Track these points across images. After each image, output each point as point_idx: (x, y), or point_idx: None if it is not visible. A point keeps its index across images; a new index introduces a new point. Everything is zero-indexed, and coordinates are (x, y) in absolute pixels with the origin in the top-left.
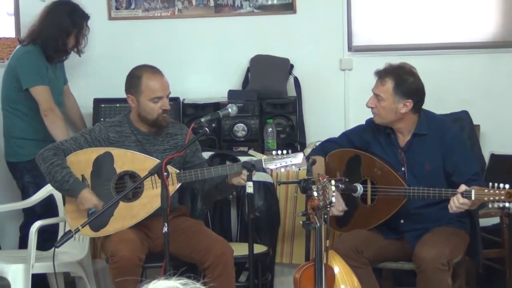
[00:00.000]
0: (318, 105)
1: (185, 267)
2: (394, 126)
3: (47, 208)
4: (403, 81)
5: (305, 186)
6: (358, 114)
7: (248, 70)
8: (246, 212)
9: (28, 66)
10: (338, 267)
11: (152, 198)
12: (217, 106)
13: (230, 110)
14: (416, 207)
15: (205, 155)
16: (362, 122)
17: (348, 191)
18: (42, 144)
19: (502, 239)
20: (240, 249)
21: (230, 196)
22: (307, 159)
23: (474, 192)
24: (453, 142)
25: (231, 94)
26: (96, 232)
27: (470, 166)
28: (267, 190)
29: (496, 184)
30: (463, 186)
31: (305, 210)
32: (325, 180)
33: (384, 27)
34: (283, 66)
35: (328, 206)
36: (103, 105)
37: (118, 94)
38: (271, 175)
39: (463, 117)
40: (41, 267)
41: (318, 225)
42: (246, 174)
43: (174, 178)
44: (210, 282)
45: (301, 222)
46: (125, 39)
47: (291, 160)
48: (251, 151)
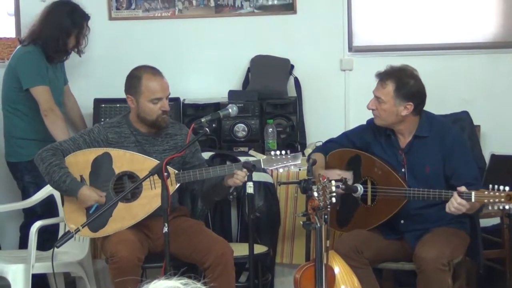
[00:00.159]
0: (319, 105)
1: (185, 267)
2: (395, 128)
3: (47, 208)
4: (404, 84)
5: (305, 187)
6: (359, 114)
7: (248, 70)
8: (246, 212)
9: (28, 66)
10: (339, 268)
11: (151, 198)
12: (217, 106)
13: (230, 110)
14: (416, 208)
15: (205, 156)
16: (362, 123)
17: (348, 191)
18: (43, 144)
19: (503, 240)
20: (240, 249)
21: (231, 196)
22: (308, 160)
23: (474, 194)
24: (453, 145)
25: (232, 94)
26: (95, 232)
27: (469, 170)
28: (268, 190)
29: (496, 186)
30: (463, 187)
31: (305, 211)
32: (325, 180)
33: (384, 28)
34: (284, 67)
35: (328, 207)
36: (104, 105)
37: (119, 94)
38: (272, 176)
39: (464, 117)
40: (41, 267)
41: (319, 225)
42: (241, 174)
43: (173, 179)
44: (210, 282)
45: (301, 223)
46: (125, 40)
47: (290, 160)
48: (252, 151)
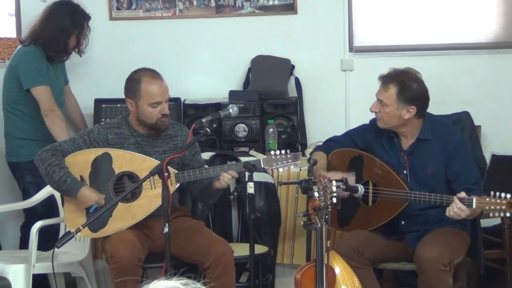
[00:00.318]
0: (319, 105)
1: (185, 267)
2: (397, 130)
3: (48, 208)
4: (407, 87)
5: (306, 187)
6: (359, 114)
7: (249, 70)
8: (247, 212)
9: (29, 67)
10: (339, 268)
11: (151, 198)
12: (218, 106)
13: (231, 110)
14: (417, 209)
15: (206, 156)
16: (363, 123)
17: (349, 191)
18: (43, 144)
19: (503, 240)
20: (241, 249)
21: (231, 196)
22: (309, 160)
23: (475, 200)
24: (455, 149)
25: (232, 94)
26: (95, 233)
27: (470, 175)
28: (268, 190)
29: (497, 193)
30: (463, 193)
31: (306, 211)
32: (326, 180)
33: (385, 28)
34: (284, 67)
35: (329, 207)
36: (104, 105)
37: (119, 94)
38: (272, 176)
39: (464, 117)
40: (42, 268)
41: (319, 225)
42: (226, 176)
43: (172, 179)
44: (211, 283)
45: (302, 223)
46: (126, 40)
47: (290, 160)
48: (252, 152)
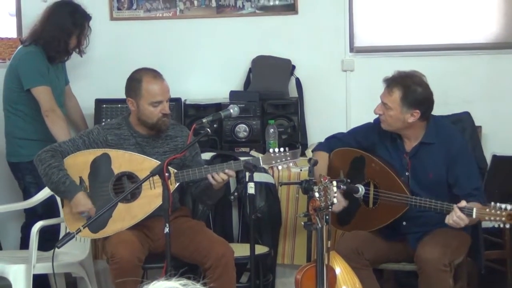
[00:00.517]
0: (320, 106)
1: (185, 268)
2: (401, 132)
3: (49, 208)
4: (411, 91)
5: (306, 187)
6: (360, 115)
7: (250, 70)
8: (247, 212)
9: (29, 67)
10: (340, 268)
11: (150, 198)
12: (218, 106)
13: (231, 110)
14: (418, 210)
15: (206, 156)
16: (363, 123)
17: (349, 192)
18: (44, 144)
19: (504, 240)
20: (241, 250)
21: (232, 197)
22: (309, 161)
23: (475, 210)
24: (457, 154)
25: (233, 94)
26: (95, 233)
27: (471, 181)
28: (269, 191)
29: (498, 204)
30: (464, 202)
31: (306, 211)
32: (326, 181)
33: (386, 28)
34: (285, 67)
35: (329, 207)
36: (105, 105)
37: (120, 94)
38: (273, 176)
39: (465, 118)
40: (42, 268)
41: (320, 226)
42: (222, 176)
43: (172, 178)
44: (211, 283)
45: (302, 223)
46: (126, 40)
47: (289, 157)
48: (253, 152)
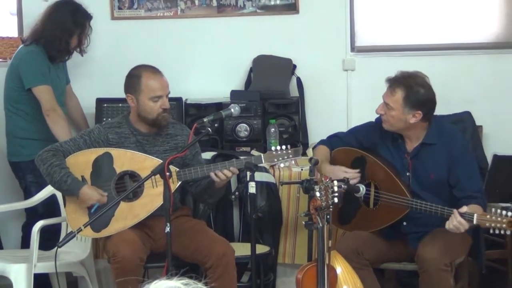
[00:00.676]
0: (321, 105)
1: (187, 267)
2: (403, 133)
3: (50, 208)
4: (414, 92)
5: (307, 187)
6: (361, 114)
7: (250, 70)
8: (248, 212)
9: (30, 66)
10: (341, 268)
11: (152, 197)
12: (219, 106)
13: (232, 110)
14: (418, 212)
15: (207, 155)
16: (365, 122)
17: (350, 191)
18: (45, 144)
19: (505, 240)
20: (242, 249)
21: (233, 196)
22: (310, 160)
23: (476, 216)
24: (459, 155)
25: (234, 94)
26: (97, 232)
27: (472, 183)
28: (270, 190)
29: (498, 210)
30: (464, 207)
31: (307, 211)
32: (327, 180)
33: (387, 28)
34: (286, 66)
35: (330, 207)
36: (106, 105)
37: (121, 94)
38: (274, 175)
39: (466, 117)
40: (43, 267)
41: (321, 225)
42: (226, 174)
43: (174, 177)
44: (212, 282)
45: (303, 223)
46: (127, 39)
47: (291, 155)
48: (254, 152)
